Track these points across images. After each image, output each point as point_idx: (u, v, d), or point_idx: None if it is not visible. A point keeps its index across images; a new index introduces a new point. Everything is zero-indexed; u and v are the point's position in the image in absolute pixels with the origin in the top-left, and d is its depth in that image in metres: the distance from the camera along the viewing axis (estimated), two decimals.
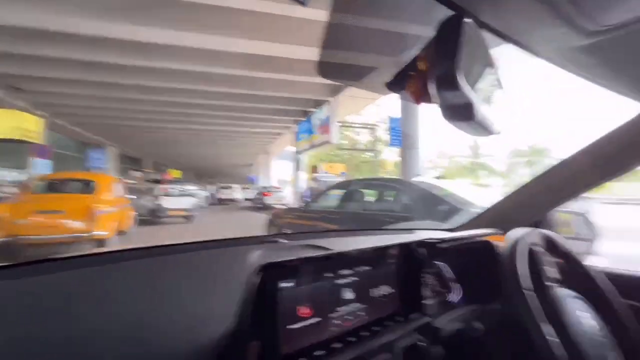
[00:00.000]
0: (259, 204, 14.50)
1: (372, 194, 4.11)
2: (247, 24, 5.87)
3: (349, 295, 0.57)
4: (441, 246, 0.79)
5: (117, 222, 5.31)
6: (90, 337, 0.43)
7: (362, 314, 0.59)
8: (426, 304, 0.76)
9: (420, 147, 7.79)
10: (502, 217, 0.98)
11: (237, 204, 18.72)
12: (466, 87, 0.34)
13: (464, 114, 0.36)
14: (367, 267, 0.61)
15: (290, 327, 0.48)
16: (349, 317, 0.56)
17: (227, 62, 7.51)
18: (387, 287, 0.65)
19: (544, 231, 0.74)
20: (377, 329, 0.60)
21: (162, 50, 6.70)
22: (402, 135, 8.04)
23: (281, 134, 16.33)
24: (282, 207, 7.23)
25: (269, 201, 14.00)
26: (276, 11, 5.41)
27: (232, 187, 20.94)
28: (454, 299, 0.85)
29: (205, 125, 14.13)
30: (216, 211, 14.00)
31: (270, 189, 15.76)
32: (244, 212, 13.97)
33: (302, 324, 0.49)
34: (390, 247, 0.68)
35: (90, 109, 11.35)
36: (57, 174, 6.88)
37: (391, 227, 1.14)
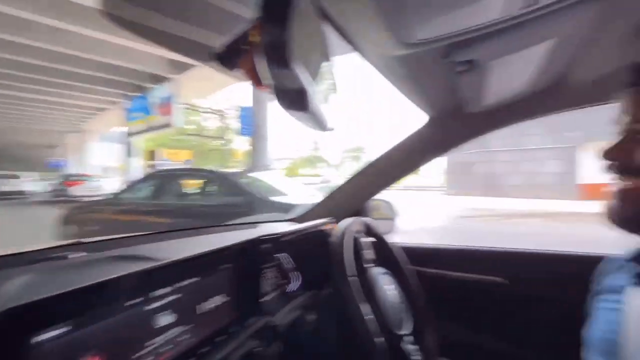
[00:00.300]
0: (61, 197, 10.95)
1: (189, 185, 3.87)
2: None
3: (165, 320, 0.45)
4: (285, 238, 0.78)
5: None
6: None
7: (185, 337, 0.48)
8: (265, 302, 0.74)
9: (270, 138, 8.01)
10: (336, 206, 1.10)
11: (26, 199, 13.51)
12: (301, 74, 0.30)
13: (297, 102, 0.32)
14: (193, 279, 0.51)
15: None
16: (167, 348, 0.45)
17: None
18: (220, 296, 0.57)
19: (364, 219, 0.87)
20: (205, 350, 0.51)
21: None
22: (252, 124, 8.00)
23: (105, 110, 13.19)
24: (88, 201, 5.71)
25: (77, 192, 10.81)
26: None
27: (18, 176, 14.86)
28: (293, 288, 0.87)
29: None
30: None
31: (79, 177, 12.29)
32: (30, 209, 10.24)
33: None
34: (225, 249, 0.60)
35: None
36: None
37: (231, 222, 1.06)
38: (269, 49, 0.29)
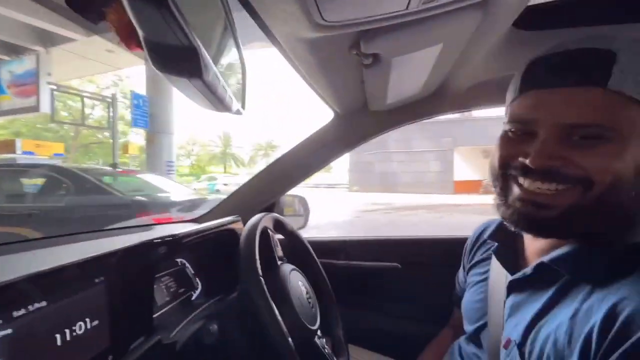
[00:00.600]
0: None
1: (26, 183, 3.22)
2: None
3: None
4: (185, 241, 0.68)
5: None
6: None
7: None
8: (160, 316, 0.63)
9: (172, 131, 7.17)
10: (243, 204, 1.03)
11: None
12: (193, 33, 0.24)
13: (188, 70, 0.26)
14: (39, 304, 0.38)
15: None
16: None
17: None
18: (94, 318, 0.45)
19: (274, 215, 0.83)
20: None
21: None
22: (148, 115, 7.03)
23: None
24: None
25: None
26: None
27: None
28: (194, 296, 0.78)
29: None
30: None
31: None
32: None
33: None
34: (100, 258, 0.48)
35: None
36: None
37: (120, 225, 0.88)
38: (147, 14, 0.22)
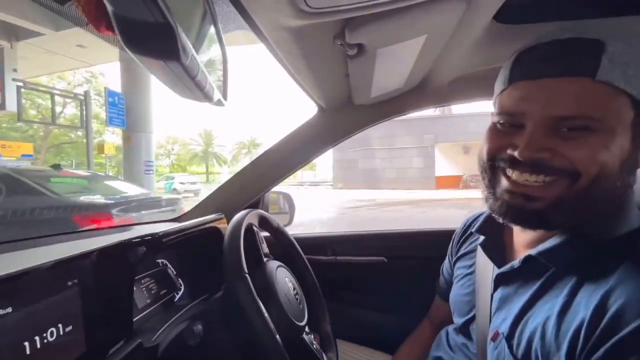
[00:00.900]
0: None
1: None
2: None
3: None
4: (166, 240, 0.66)
5: None
6: None
7: None
8: (141, 319, 0.61)
9: (151, 130, 6.90)
10: (226, 201, 1.01)
11: None
12: (166, 13, 0.22)
13: (165, 52, 0.24)
14: (4, 310, 0.36)
15: None
16: None
17: None
18: (68, 322, 0.43)
19: (259, 211, 0.82)
20: None
21: None
22: (125, 113, 6.75)
23: None
24: None
25: None
26: None
27: None
28: (177, 297, 0.76)
29: None
30: None
31: None
32: None
33: None
34: (74, 259, 0.45)
35: None
36: None
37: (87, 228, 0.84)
38: None
